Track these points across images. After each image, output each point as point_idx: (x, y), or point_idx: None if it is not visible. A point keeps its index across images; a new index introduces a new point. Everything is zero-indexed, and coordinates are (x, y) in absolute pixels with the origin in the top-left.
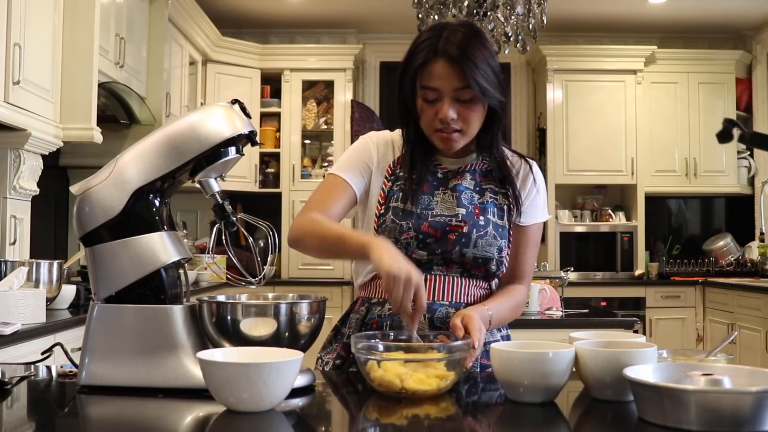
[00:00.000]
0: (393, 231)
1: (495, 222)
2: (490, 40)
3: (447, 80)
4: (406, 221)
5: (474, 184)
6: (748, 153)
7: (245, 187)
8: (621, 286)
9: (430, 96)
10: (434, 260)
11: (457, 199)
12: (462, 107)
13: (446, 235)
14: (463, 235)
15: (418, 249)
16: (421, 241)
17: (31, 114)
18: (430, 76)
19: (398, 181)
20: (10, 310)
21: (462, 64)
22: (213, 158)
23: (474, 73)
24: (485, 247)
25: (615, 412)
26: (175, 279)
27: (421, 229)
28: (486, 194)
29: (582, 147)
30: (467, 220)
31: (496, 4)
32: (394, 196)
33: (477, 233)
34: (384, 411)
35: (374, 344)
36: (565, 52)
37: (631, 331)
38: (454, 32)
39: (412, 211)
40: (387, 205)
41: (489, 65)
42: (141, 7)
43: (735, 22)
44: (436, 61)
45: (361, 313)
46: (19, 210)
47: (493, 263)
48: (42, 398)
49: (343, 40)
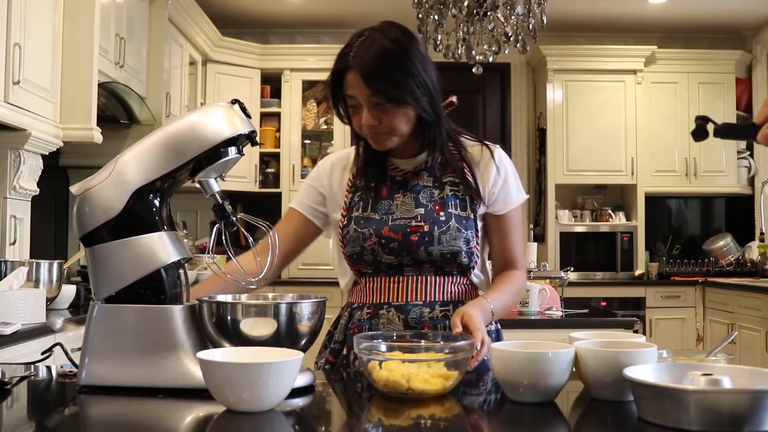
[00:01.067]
0: (357, 240)
1: (457, 215)
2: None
3: (359, 89)
4: (367, 228)
5: (433, 180)
6: (748, 153)
7: (245, 187)
8: (621, 286)
9: (352, 103)
10: (403, 262)
11: (415, 200)
12: (382, 113)
13: (408, 237)
14: (425, 234)
15: (385, 254)
16: (385, 245)
17: (31, 114)
18: (348, 85)
19: (358, 191)
20: (10, 310)
21: (366, 75)
22: (213, 158)
23: (379, 83)
24: (450, 242)
25: (615, 412)
26: (175, 279)
27: (382, 233)
28: (446, 188)
29: (582, 147)
30: (427, 218)
31: (496, 4)
32: (356, 207)
33: (439, 230)
34: (387, 411)
35: (376, 344)
36: (565, 52)
37: (631, 331)
38: (369, 38)
39: (373, 218)
40: (349, 216)
41: (404, 71)
42: (141, 7)
43: (735, 22)
44: (349, 71)
45: (345, 318)
46: (19, 210)
47: (463, 255)
48: (42, 398)
49: (343, 40)
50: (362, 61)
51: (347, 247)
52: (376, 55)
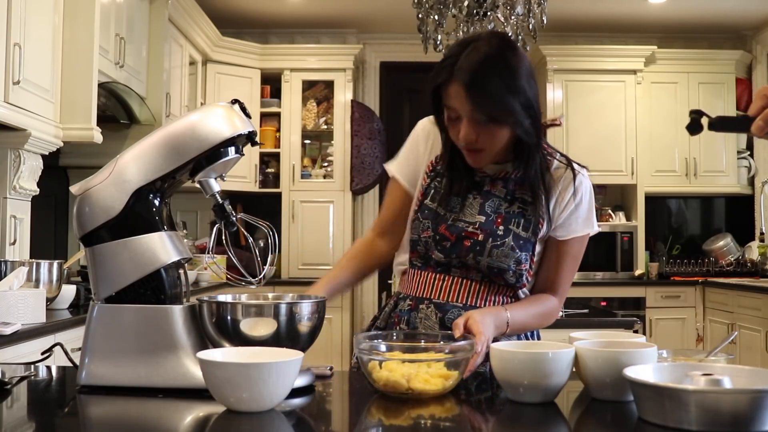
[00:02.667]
0: (417, 228)
1: (517, 233)
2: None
3: (461, 103)
4: (428, 220)
5: (505, 193)
6: (748, 153)
7: (245, 187)
8: (621, 286)
9: (452, 114)
10: (452, 262)
11: (480, 207)
12: (482, 128)
13: (461, 240)
14: (477, 242)
15: (436, 250)
16: (438, 242)
17: (31, 114)
18: (448, 96)
19: (437, 177)
20: (10, 310)
21: (470, 90)
22: (213, 158)
23: (483, 100)
24: (500, 258)
25: (615, 412)
26: (175, 279)
27: (438, 230)
28: (515, 204)
29: (582, 147)
30: (485, 228)
31: (496, 4)
32: (430, 194)
33: (492, 243)
34: (387, 411)
35: (376, 344)
36: (565, 52)
37: (631, 331)
38: (476, 50)
39: (437, 212)
40: (422, 201)
41: (510, 90)
42: (141, 7)
43: (735, 22)
44: (452, 82)
45: (390, 306)
46: (19, 210)
47: (510, 275)
48: (42, 398)
49: (343, 40)
50: (467, 74)
51: (411, 232)
52: (483, 70)
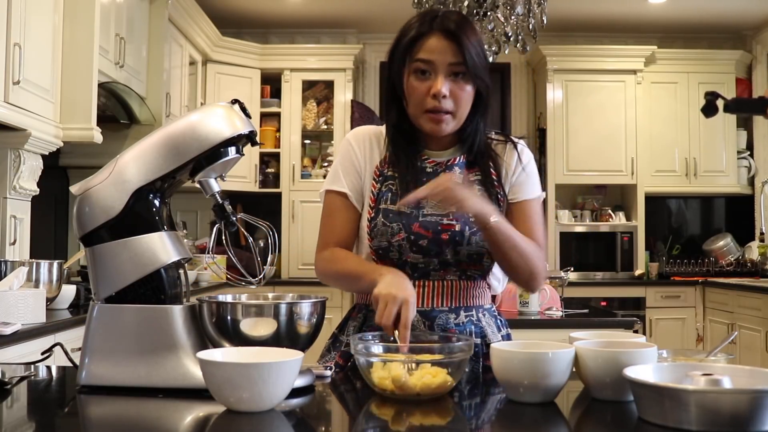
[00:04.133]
0: (385, 234)
1: None
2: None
3: (442, 54)
4: (396, 222)
5: (462, 178)
6: (748, 153)
7: (245, 187)
8: (621, 286)
9: (423, 67)
10: (431, 264)
11: None
12: (454, 85)
13: (438, 234)
14: (456, 233)
15: (412, 252)
16: (414, 242)
17: (31, 114)
18: (425, 49)
19: (386, 181)
20: (10, 310)
21: (458, 37)
22: (213, 158)
23: (469, 48)
24: (480, 243)
25: (615, 412)
26: (175, 279)
27: (412, 229)
28: (473, 186)
29: (582, 147)
30: (459, 217)
31: (496, 4)
32: (384, 198)
33: (470, 230)
34: (387, 411)
35: (374, 345)
36: (565, 52)
37: (631, 331)
38: (448, 13)
39: (404, 212)
40: (377, 208)
41: (480, 47)
42: (141, 7)
43: (735, 22)
44: (431, 35)
45: (359, 320)
46: (19, 210)
47: (486, 257)
48: (42, 398)
49: (343, 40)
50: (452, 24)
51: (374, 241)
52: (464, 24)
